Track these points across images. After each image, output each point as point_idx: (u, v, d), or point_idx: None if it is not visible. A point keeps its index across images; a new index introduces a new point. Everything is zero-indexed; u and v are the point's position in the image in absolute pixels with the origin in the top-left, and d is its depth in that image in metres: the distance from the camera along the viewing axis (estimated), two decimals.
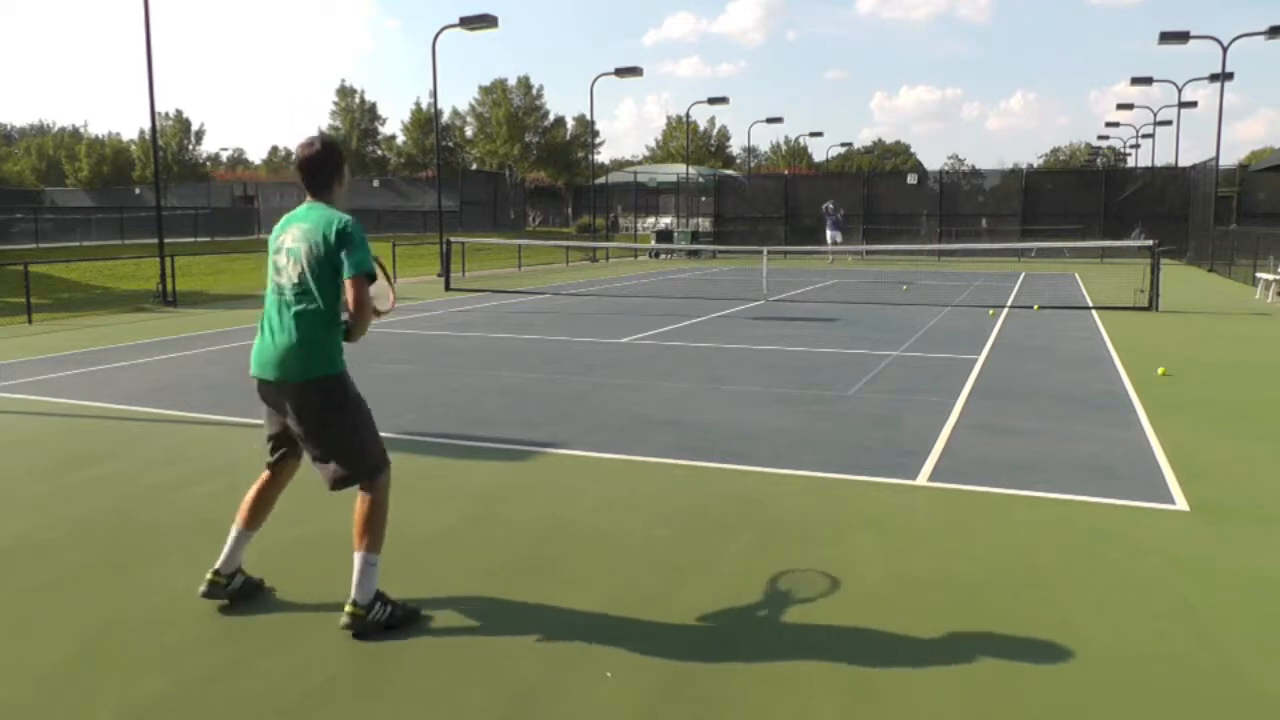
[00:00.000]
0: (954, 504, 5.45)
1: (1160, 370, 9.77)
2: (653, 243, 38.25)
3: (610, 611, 4.00)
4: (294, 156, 3.91)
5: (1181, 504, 5.41)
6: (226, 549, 4.05)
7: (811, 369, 10.17)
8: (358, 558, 3.81)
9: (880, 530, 5.01)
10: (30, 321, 15.28)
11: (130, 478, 6.09)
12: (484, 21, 24.61)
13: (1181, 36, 27.24)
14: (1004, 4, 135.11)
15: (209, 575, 4.02)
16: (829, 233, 32.28)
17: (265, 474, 4.12)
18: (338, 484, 3.89)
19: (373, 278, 3.69)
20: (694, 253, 36.45)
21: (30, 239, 31.19)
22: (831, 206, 33.08)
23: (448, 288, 21.16)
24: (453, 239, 23.42)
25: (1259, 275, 19.24)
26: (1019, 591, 4.21)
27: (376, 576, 3.83)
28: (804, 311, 16.43)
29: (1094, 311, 16.00)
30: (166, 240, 19.64)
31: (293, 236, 3.77)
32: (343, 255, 3.66)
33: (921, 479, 5.93)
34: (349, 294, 3.67)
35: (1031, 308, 16.57)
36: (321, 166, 3.82)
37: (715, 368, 10.28)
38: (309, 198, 3.85)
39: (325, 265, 3.69)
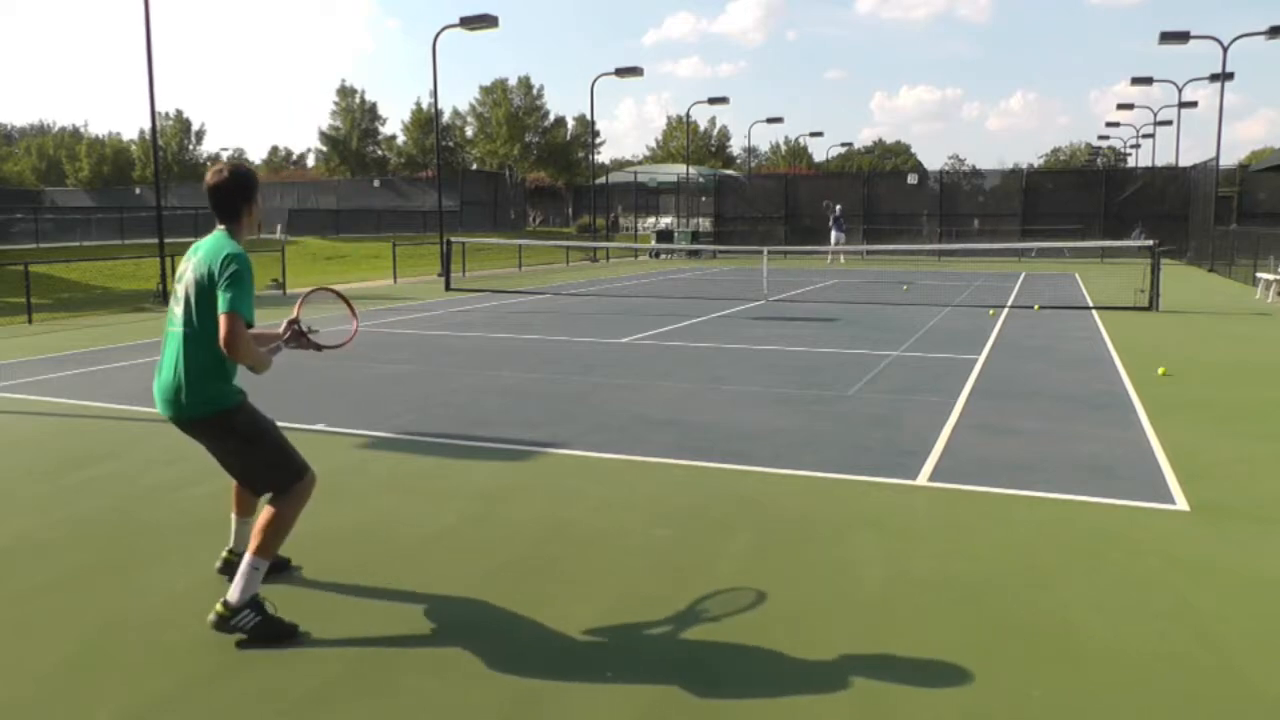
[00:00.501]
0: (954, 504, 5.45)
1: (1160, 370, 9.77)
2: (653, 243, 38.28)
3: (610, 611, 4.00)
4: (204, 183, 3.86)
5: (1181, 504, 5.41)
6: (233, 531, 4.33)
7: (811, 369, 10.17)
8: (245, 559, 3.75)
9: (880, 530, 5.01)
10: (30, 321, 15.28)
11: (130, 478, 6.10)
12: (484, 21, 24.62)
13: (1181, 36, 27.25)
14: (1004, 4, 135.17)
15: (224, 552, 4.31)
16: (834, 233, 32.50)
17: None
18: (260, 494, 4.04)
19: (249, 323, 3.61)
20: (694, 253, 36.46)
21: (30, 239, 31.17)
22: (839, 210, 33.38)
23: (448, 288, 21.16)
24: (453, 239, 23.42)
25: (1259, 275, 19.24)
26: (1019, 591, 4.21)
27: (258, 583, 3.75)
28: (804, 311, 16.43)
29: (1094, 311, 16.00)
30: (167, 240, 19.62)
31: (191, 265, 3.73)
32: (218, 290, 3.58)
33: (921, 479, 5.93)
34: (220, 332, 3.55)
35: (1032, 308, 16.57)
36: (228, 194, 3.79)
37: (715, 368, 10.28)
38: (217, 224, 3.83)
39: (207, 296, 3.64)
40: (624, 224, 50.40)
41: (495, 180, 53.63)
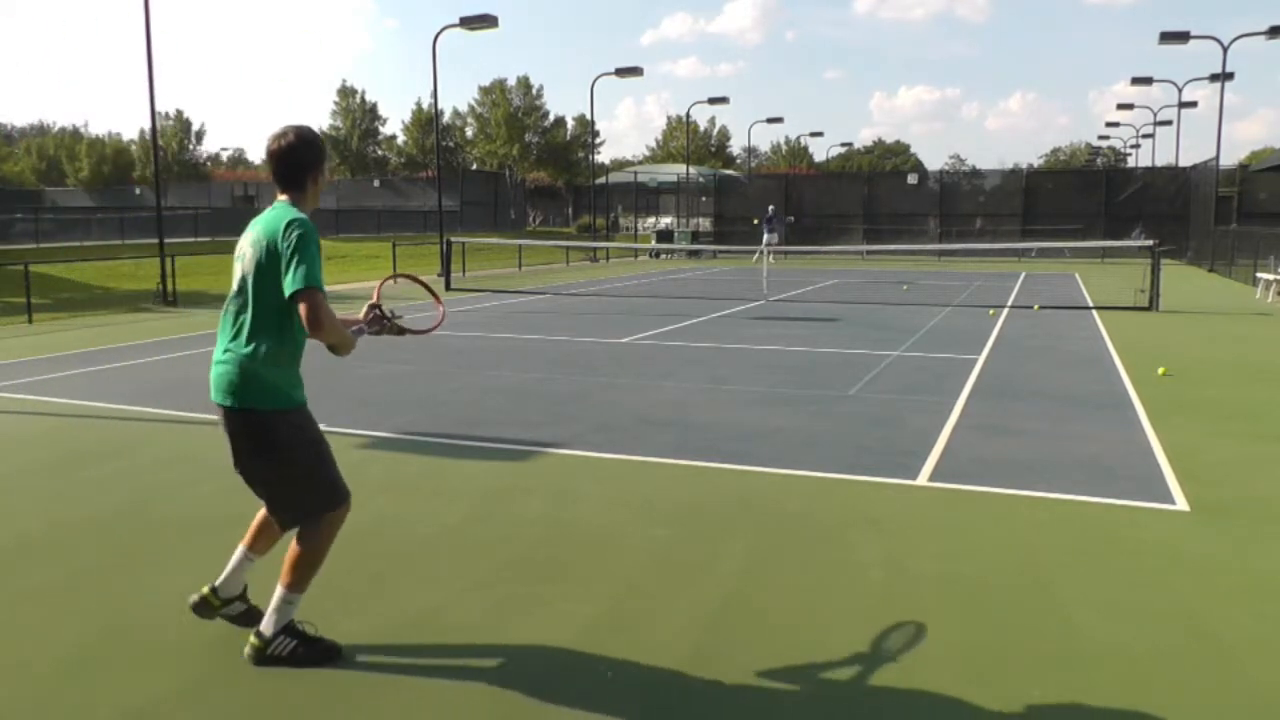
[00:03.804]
0: (954, 504, 5.45)
1: (1160, 370, 9.77)
2: (653, 243, 38.28)
3: (610, 611, 4.00)
4: (266, 149, 3.48)
5: (1181, 504, 5.41)
6: (230, 565, 3.70)
7: (811, 369, 10.17)
8: (277, 591, 3.49)
9: (880, 530, 5.01)
10: (30, 321, 15.28)
11: (131, 478, 6.09)
12: (484, 22, 24.61)
13: (1181, 36, 27.25)
14: (1002, 4, 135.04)
15: (204, 589, 3.69)
16: (765, 234, 32.74)
17: None
18: (283, 526, 3.56)
19: (321, 291, 3.24)
20: (694, 253, 36.46)
21: (30, 239, 31.22)
22: (772, 210, 33.64)
23: (448, 288, 21.15)
24: (453, 239, 23.42)
25: (1259, 275, 19.25)
26: (1019, 591, 4.21)
27: (291, 614, 3.52)
28: (804, 311, 16.43)
29: (1094, 311, 16.00)
30: (167, 240, 19.63)
31: (250, 241, 3.36)
32: (285, 266, 3.21)
33: (921, 479, 5.93)
34: (301, 313, 3.20)
35: (1032, 308, 16.57)
36: (292, 160, 3.42)
37: (715, 368, 10.28)
38: (278, 195, 3.47)
39: (267, 275, 3.27)
40: (624, 224, 50.38)
41: (495, 180, 53.63)
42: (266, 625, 3.51)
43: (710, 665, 3.54)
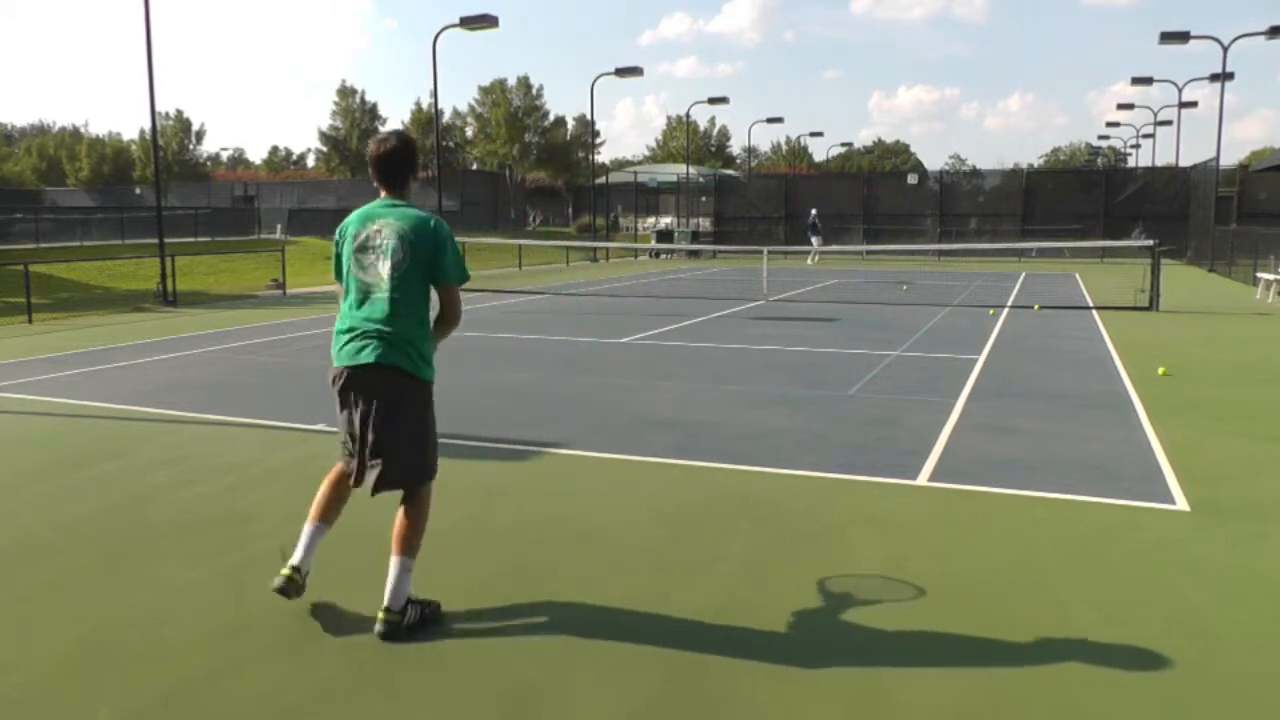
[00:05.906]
0: (954, 504, 5.45)
1: (1160, 370, 9.77)
2: (653, 243, 38.30)
3: (610, 611, 4.00)
4: (369, 153, 3.89)
5: (1181, 504, 5.41)
6: (302, 543, 3.94)
7: (811, 369, 10.17)
8: (397, 560, 3.82)
9: (880, 530, 5.01)
10: (30, 321, 15.28)
11: (130, 477, 6.09)
12: (484, 22, 24.64)
13: (1181, 37, 27.29)
14: (1000, 4, 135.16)
15: (286, 570, 3.87)
16: (813, 238, 32.84)
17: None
18: (393, 479, 3.90)
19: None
20: (694, 253, 36.48)
21: (30, 239, 31.14)
22: (815, 214, 33.73)
23: None
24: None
25: (1259, 275, 19.25)
26: (1019, 591, 4.21)
27: (409, 582, 3.84)
28: (804, 311, 16.44)
29: (1094, 311, 16.00)
30: (167, 240, 19.64)
31: (390, 230, 3.79)
32: (446, 261, 3.82)
33: (921, 479, 5.93)
34: (450, 299, 3.90)
35: (1032, 308, 16.57)
36: (400, 162, 3.85)
37: (715, 368, 10.28)
38: (385, 194, 3.89)
39: (420, 265, 3.78)
40: (624, 224, 50.38)
41: (495, 180, 53.65)
42: (395, 599, 3.75)
43: (709, 665, 3.53)
